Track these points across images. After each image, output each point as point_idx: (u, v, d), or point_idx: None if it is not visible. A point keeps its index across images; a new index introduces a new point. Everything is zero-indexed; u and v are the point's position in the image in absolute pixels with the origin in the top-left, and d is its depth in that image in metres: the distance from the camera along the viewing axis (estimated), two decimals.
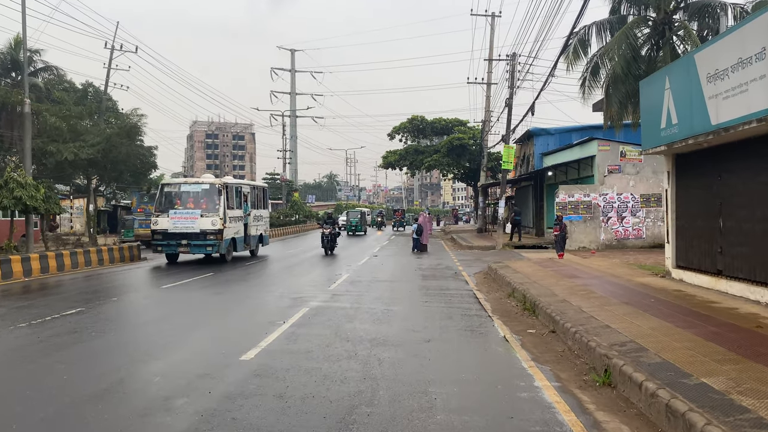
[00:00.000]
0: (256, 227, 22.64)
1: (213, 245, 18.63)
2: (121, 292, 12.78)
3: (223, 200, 18.93)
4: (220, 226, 18.65)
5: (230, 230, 19.42)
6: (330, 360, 6.90)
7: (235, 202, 20.18)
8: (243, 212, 21.00)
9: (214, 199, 19.00)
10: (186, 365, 6.82)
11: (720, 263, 10.27)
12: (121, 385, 5.99)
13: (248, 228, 21.61)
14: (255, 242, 22.71)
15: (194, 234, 18.60)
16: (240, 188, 21.22)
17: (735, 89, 8.49)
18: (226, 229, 19.00)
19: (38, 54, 34.28)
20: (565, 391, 5.88)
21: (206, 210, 18.80)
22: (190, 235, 18.61)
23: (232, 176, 45.38)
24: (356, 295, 12.34)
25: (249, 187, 22.50)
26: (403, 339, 8.12)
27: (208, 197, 19.02)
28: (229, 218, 19.25)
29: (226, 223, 18.93)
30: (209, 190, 19.16)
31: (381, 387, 5.87)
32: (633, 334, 7.12)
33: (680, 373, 5.46)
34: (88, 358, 7.12)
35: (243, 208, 21.06)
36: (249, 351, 7.29)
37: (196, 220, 18.58)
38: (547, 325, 8.91)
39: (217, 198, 19.00)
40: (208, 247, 18.70)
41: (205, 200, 18.99)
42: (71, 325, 9.08)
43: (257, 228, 22.91)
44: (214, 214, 18.67)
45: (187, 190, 19.26)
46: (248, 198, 21.78)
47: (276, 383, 5.99)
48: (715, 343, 6.53)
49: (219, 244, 18.67)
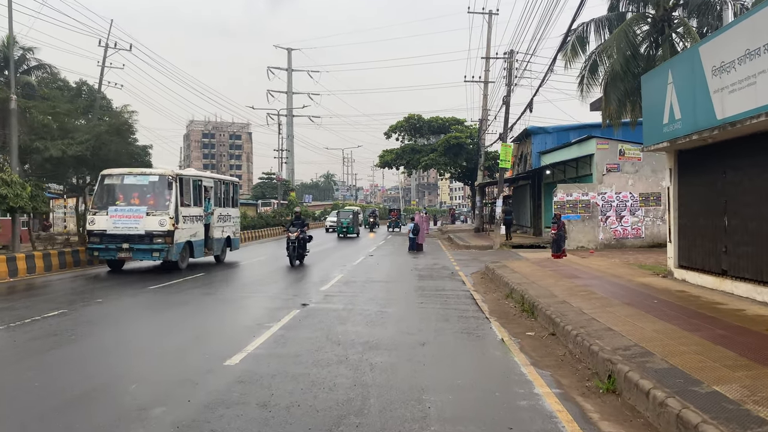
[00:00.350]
0: (221, 228, 19.36)
1: (160, 250, 15.55)
2: (108, 293, 12.39)
3: (175, 195, 15.91)
4: (170, 227, 15.58)
5: (184, 232, 16.39)
6: (319, 365, 6.55)
7: (193, 198, 17.16)
8: (203, 210, 17.89)
9: (164, 193, 15.96)
10: (167, 370, 6.47)
11: (725, 263, 9.94)
12: (95, 393, 5.63)
13: (211, 229, 18.48)
14: (220, 246, 19.41)
15: (138, 236, 15.52)
16: (199, 182, 17.99)
17: (742, 82, 8.16)
18: (179, 230, 15.95)
19: (31, 52, 33.87)
20: (567, 398, 5.55)
21: (154, 207, 15.78)
22: (133, 238, 15.52)
23: (229, 175, 44.74)
24: (350, 296, 11.99)
25: (212, 181, 19.18)
26: (396, 342, 7.78)
27: (157, 192, 16.01)
28: (183, 217, 16.30)
29: (179, 223, 15.92)
30: (158, 182, 16.10)
31: (372, 394, 5.52)
32: (637, 338, 6.78)
33: (690, 380, 5.13)
34: (64, 364, 6.75)
35: (204, 205, 17.97)
36: (234, 355, 6.93)
37: (140, 220, 15.55)
38: (546, 328, 8.58)
39: (167, 193, 15.93)
40: (155, 253, 15.60)
41: (152, 195, 16.00)
42: (51, 327, 8.70)
43: (223, 229, 19.59)
44: (163, 212, 15.64)
45: (132, 183, 16.16)
46: (211, 194, 18.69)
47: (260, 391, 5.64)
48: (724, 347, 6.20)
49: (168, 249, 15.58)
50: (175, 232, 15.81)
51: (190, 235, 16.85)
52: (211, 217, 18.48)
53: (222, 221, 19.50)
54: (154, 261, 16.39)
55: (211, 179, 19.40)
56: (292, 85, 66.69)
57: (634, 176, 23.99)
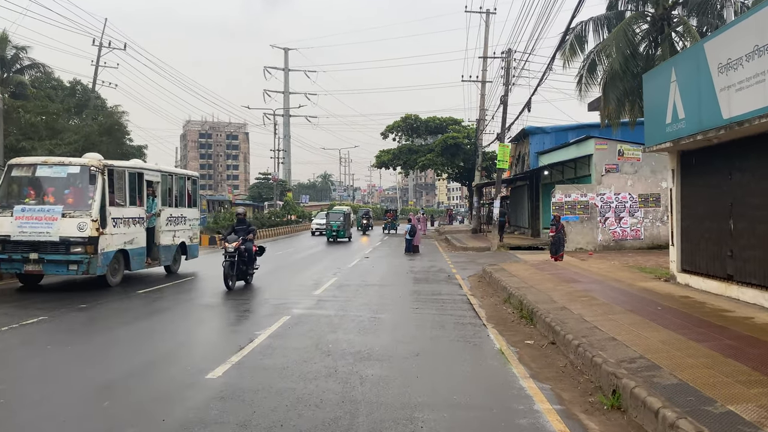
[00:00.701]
0: (172, 233, 15.91)
1: (79, 262, 12.19)
2: (94, 297, 11.92)
3: (101, 192, 12.61)
4: (92, 232, 12.20)
5: (115, 238, 13.04)
6: (306, 379, 6.17)
7: (129, 196, 13.80)
8: (145, 211, 14.51)
9: (86, 189, 12.63)
10: (144, 384, 6.09)
11: (730, 267, 9.59)
12: (62, 412, 5.24)
13: (156, 234, 15.07)
14: (171, 255, 15.94)
15: (51, 244, 12.09)
16: (138, 174, 14.41)
17: (750, 80, 7.81)
18: (106, 236, 12.62)
19: (24, 51, 33.50)
20: (569, 416, 5.19)
21: (73, 206, 12.42)
22: (44, 246, 12.09)
23: (227, 176, 43.85)
24: (343, 301, 11.62)
25: (159, 174, 15.51)
26: (389, 352, 7.41)
27: (78, 187, 12.73)
28: (115, 219, 13.03)
29: (106, 227, 12.63)
30: (79, 175, 12.79)
31: (361, 412, 5.16)
32: (642, 349, 6.43)
33: (701, 398, 4.77)
34: (34, 378, 6.36)
35: (146, 204, 14.61)
36: (217, 367, 6.55)
37: (53, 222, 12.11)
38: (546, 336, 8.22)
39: (90, 188, 12.60)
40: (72, 265, 12.23)
41: (72, 191, 12.70)
42: (29, 336, 8.32)
43: (175, 234, 16.11)
44: (84, 213, 12.28)
45: (47, 175, 12.84)
46: (158, 190, 15.26)
47: (242, 408, 5.27)
48: (735, 360, 5.84)
49: (90, 261, 12.23)
50: (101, 239, 12.43)
51: (123, 242, 13.43)
52: (156, 220, 15.12)
53: (173, 224, 16.01)
54: (71, 275, 13.03)
55: (158, 172, 15.62)
56: (289, 85, 66.25)
57: (633, 177, 23.69)
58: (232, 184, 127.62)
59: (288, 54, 65.06)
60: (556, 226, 18.81)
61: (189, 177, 17.95)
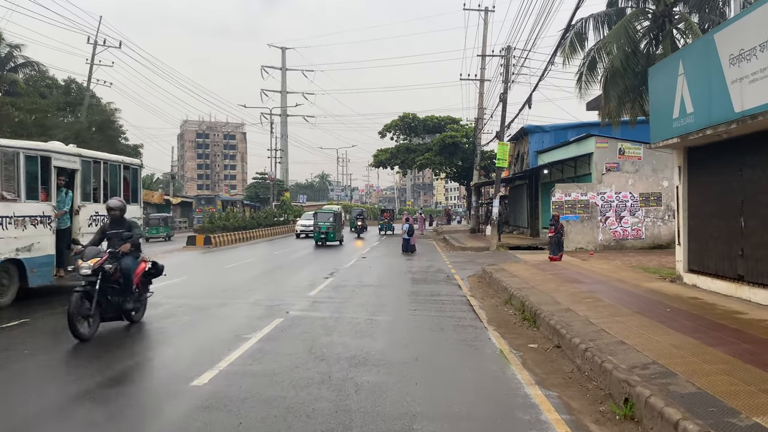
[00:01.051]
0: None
1: None
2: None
3: None
4: None
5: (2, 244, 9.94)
6: (297, 386, 5.79)
7: (24, 186, 10.46)
8: (53, 207, 11.17)
9: None
10: (124, 392, 5.70)
11: (741, 267, 9.23)
12: (34, 423, 4.86)
13: (72, 238, 10.88)
14: None
15: None
16: (42, 159, 11.03)
17: (765, 71, 7.45)
18: None
19: (18, 49, 33.12)
20: (580, 427, 4.83)
21: None
22: None
23: (224, 176, 43.13)
24: (339, 303, 11.24)
25: (76, 160, 11.99)
26: (386, 357, 7.03)
27: None
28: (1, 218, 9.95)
29: None
30: None
31: (355, 424, 4.78)
32: (654, 353, 6.06)
33: (724, 409, 4.41)
34: (7, 386, 5.98)
35: (56, 199, 11.30)
36: (204, 374, 6.16)
37: None
38: (550, 339, 7.85)
39: None
40: None
41: None
42: (8, 340, 7.93)
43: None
44: None
45: None
46: (76, 181, 11.94)
47: (228, 419, 4.89)
48: (755, 366, 5.48)
49: None
50: None
51: (15, 248, 10.18)
52: (68, 219, 11.74)
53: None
54: None
55: (76, 157, 12.02)
56: (287, 84, 65.83)
57: (634, 176, 23.35)
58: (229, 184, 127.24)
59: (285, 53, 64.68)
60: (555, 226, 18.46)
61: (123, 165, 13.92)
